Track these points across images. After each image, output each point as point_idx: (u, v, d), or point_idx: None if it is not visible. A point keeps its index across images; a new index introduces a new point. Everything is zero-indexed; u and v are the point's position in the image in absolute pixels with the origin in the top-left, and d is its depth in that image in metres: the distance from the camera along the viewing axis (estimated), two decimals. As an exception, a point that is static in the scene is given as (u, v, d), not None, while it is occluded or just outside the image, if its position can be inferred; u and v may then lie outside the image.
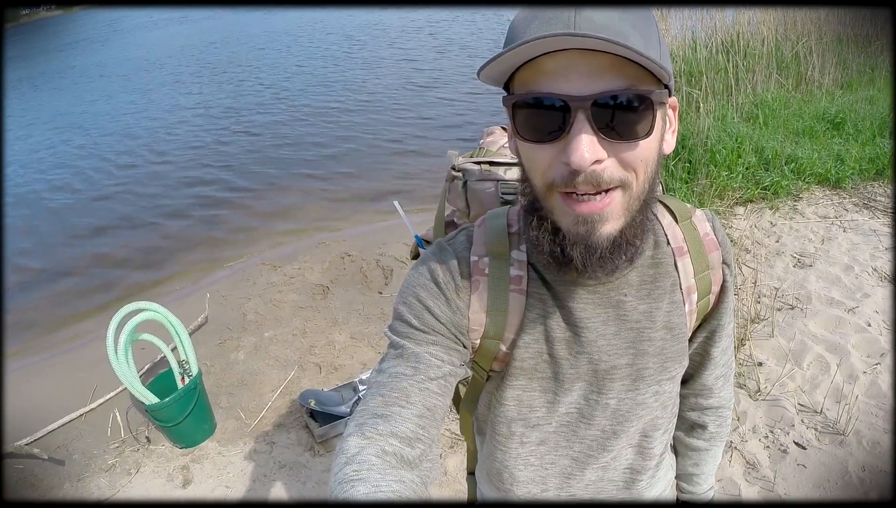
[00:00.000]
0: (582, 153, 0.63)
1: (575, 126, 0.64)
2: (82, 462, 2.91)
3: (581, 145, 0.63)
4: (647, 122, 0.66)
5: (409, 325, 0.81)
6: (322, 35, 16.65)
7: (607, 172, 0.66)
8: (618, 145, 0.66)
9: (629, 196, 0.69)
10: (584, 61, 0.62)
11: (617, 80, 0.63)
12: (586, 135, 0.63)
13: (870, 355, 2.88)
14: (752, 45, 6.20)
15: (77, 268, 5.24)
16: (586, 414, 0.88)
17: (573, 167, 0.64)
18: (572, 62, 0.63)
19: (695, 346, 0.97)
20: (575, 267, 0.72)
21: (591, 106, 0.63)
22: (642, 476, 0.96)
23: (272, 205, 5.99)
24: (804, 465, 2.37)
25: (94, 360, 3.52)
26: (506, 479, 0.95)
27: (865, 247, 3.73)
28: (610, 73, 0.63)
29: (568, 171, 0.66)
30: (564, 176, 0.66)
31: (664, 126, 0.72)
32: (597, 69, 0.63)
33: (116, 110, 10.91)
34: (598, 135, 0.64)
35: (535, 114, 0.66)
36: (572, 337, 0.83)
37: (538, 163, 0.69)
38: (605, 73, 0.63)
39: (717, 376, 1.01)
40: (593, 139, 0.64)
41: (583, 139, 0.63)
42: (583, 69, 0.63)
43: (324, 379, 3.28)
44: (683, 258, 0.86)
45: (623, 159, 0.66)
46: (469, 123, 7.63)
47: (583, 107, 0.63)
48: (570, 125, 0.64)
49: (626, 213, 0.70)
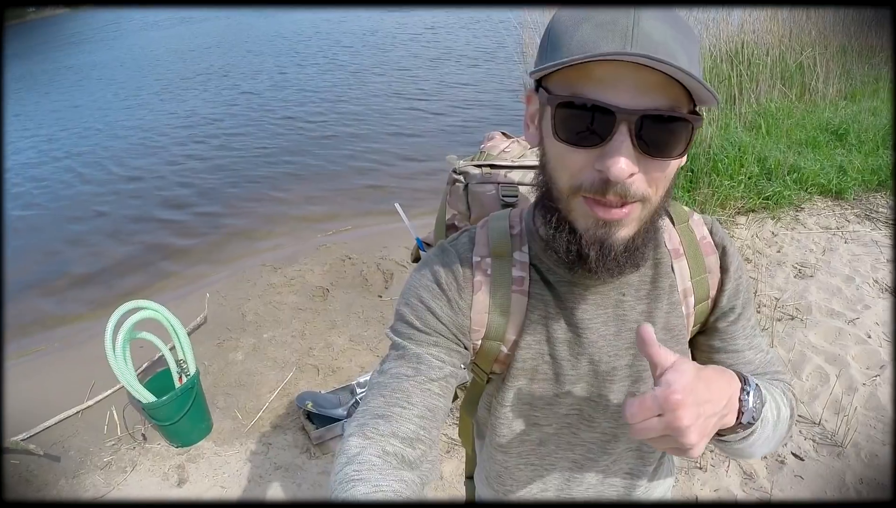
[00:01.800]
0: (621, 166, 0.64)
1: (616, 137, 0.64)
2: (78, 459, 2.90)
3: (621, 158, 0.64)
4: (682, 144, 0.67)
5: (411, 326, 0.81)
6: (322, 36, 16.71)
7: (634, 186, 0.67)
8: (649, 162, 0.67)
9: (647, 209, 0.71)
10: (634, 75, 0.62)
11: (663, 99, 0.64)
12: (626, 148, 0.64)
13: (869, 367, 2.87)
14: (756, 55, 6.19)
15: (75, 266, 5.23)
16: (587, 415, 0.88)
17: (610, 177, 0.65)
18: (622, 73, 0.63)
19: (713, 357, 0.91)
20: (588, 268, 0.73)
21: (637, 120, 0.63)
22: (641, 480, 0.96)
23: (272, 208, 5.98)
24: (801, 476, 2.36)
25: (91, 358, 3.51)
26: (506, 480, 0.95)
27: (866, 258, 3.73)
28: (657, 91, 0.63)
29: (600, 179, 0.66)
30: (595, 183, 0.67)
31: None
32: (644, 85, 0.63)
33: (124, 106, 10.95)
34: (636, 150, 0.65)
35: (578, 117, 0.66)
36: (573, 338, 0.83)
37: (569, 165, 0.69)
38: (652, 90, 0.63)
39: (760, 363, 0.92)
40: (632, 153, 0.64)
41: (623, 151, 0.64)
42: (631, 82, 0.63)
43: (322, 381, 3.28)
44: (679, 260, 0.86)
45: (651, 175, 0.68)
46: (469, 127, 7.65)
47: (628, 121, 0.63)
48: (612, 135, 0.64)
49: (640, 223, 0.72)
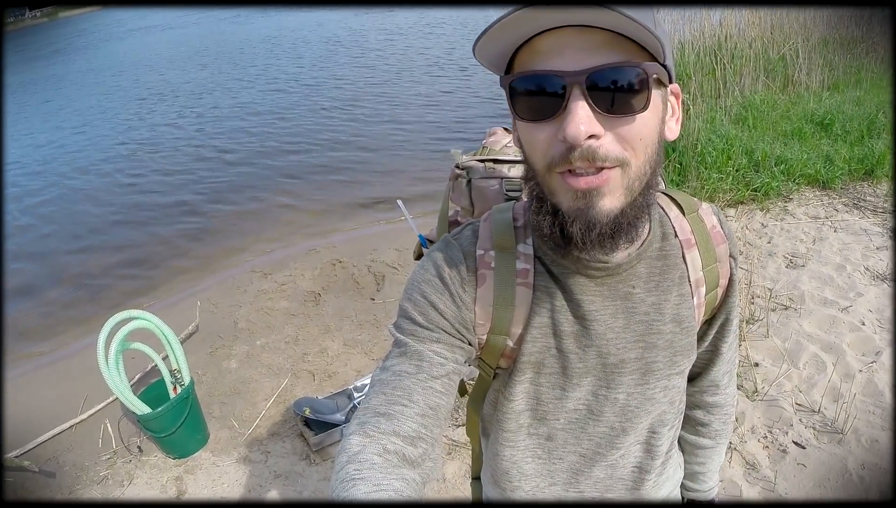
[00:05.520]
0: (577, 126, 0.62)
1: (570, 101, 0.63)
2: (74, 475, 2.85)
3: (575, 119, 0.62)
4: (643, 96, 0.65)
5: (413, 322, 0.80)
6: (322, 38, 16.72)
7: (603, 148, 0.65)
8: (614, 120, 0.65)
9: (628, 175, 0.68)
10: (578, 38, 0.62)
11: (612, 55, 0.63)
12: (581, 109, 0.63)
13: (865, 353, 2.89)
14: (739, 48, 6.24)
15: (65, 276, 5.16)
16: (595, 409, 0.87)
17: (568, 140, 0.63)
18: (567, 39, 0.63)
19: (705, 343, 0.96)
20: (575, 245, 0.70)
21: (586, 80, 0.63)
22: (650, 475, 0.95)
23: (259, 213, 5.93)
24: (804, 465, 2.37)
25: (82, 369, 3.46)
26: (513, 476, 0.94)
27: (856, 246, 3.76)
28: (605, 49, 0.63)
29: (564, 148, 0.65)
30: (562, 152, 0.65)
31: (664, 107, 0.72)
32: (591, 45, 0.63)
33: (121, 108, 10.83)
34: (595, 110, 0.63)
35: (532, 92, 0.66)
36: (581, 330, 0.82)
37: (537, 143, 0.68)
38: (599, 49, 0.63)
39: (724, 372, 1.01)
40: (589, 113, 0.63)
41: (577, 113, 0.62)
42: (577, 45, 0.63)
43: (317, 386, 3.24)
44: (691, 250, 0.86)
45: (620, 135, 0.66)
46: (465, 125, 7.67)
47: (577, 82, 0.63)
48: (566, 101, 0.63)
49: (627, 193, 0.69)
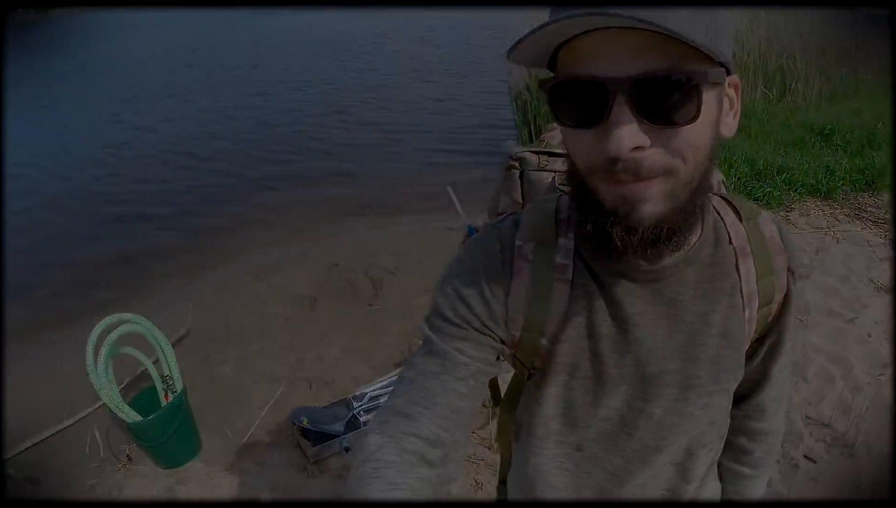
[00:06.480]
0: (619, 139, 0.58)
1: (614, 110, 0.58)
2: (59, 483, 2.73)
3: (618, 132, 0.58)
4: (692, 106, 0.59)
5: (442, 317, 0.77)
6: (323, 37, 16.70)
7: (648, 160, 0.60)
8: (662, 131, 0.59)
9: (674, 182, 0.63)
10: (622, 40, 0.57)
11: (659, 60, 0.57)
12: (625, 120, 0.58)
13: (872, 366, 2.85)
14: (737, 56, 6.25)
15: (51, 276, 5.01)
16: (628, 422, 0.81)
17: (610, 154, 0.59)
18: (609, 42, 0.57)
19: (755, 362, 0.89)
20: (615, 248, 0.66)
21: (631, 88, 0.57)
22: (684, 500, 0.88)
23: (253, 215, 5.83)
24: (816, 479, 2.32)
25: (69, 373, 3.33)
26: (538, 486, 0.88)
27: (860, 257, 3.74)
28: (651, 53, 0.57)
29: (606, 158, 0.60)
30: (604, 162, 0.61)
31: (720, 108, 0.66)
32: (636, 49, 0.57)
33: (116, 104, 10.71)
34: (640, 120, 0.58)
35: (573, 97, 0.61)
36: (618, 333, 0.76)
37: (578, 147, 0.65)
38: (645, 53, 0.57)
39: (773, 397, 0.94)
40: (633, 125, 0.58)
41: (620, 124, 0.58)
42: (621, 49, 0.57)
43: (314, 395, 3.15)
44: (746, 260, 0.79)
45: (668, 145, 0.60)
46: (466, 130, 7.64)
47: (622, 90, 0.57)
48: (610, 109, 0.58)
49: (671, 199, 0.64)
